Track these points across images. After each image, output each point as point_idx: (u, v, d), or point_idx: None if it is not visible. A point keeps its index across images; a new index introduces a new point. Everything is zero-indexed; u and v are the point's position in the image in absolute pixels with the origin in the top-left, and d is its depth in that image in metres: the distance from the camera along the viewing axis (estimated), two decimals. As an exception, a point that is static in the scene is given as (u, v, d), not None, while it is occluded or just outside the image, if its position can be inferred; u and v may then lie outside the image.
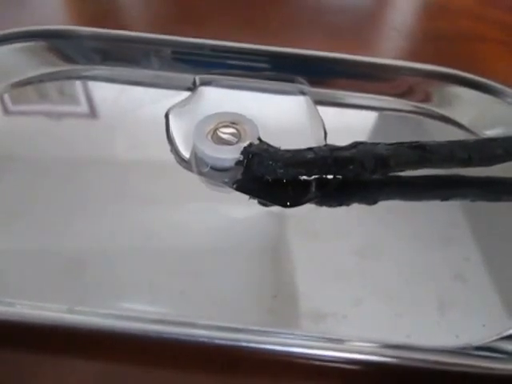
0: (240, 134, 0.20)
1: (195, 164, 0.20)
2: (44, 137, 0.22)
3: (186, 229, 0.19)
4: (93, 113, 0.23)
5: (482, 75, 0.25)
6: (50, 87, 0.24)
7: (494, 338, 0.16)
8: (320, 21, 0.31)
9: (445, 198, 0.21)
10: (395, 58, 0.26)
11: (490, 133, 0.23)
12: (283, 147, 0.20)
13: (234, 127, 0.20)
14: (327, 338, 0.15)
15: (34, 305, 0.15)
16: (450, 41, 0.30)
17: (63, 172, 0.20)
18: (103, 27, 0.25)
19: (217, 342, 0.14)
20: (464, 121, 0.24)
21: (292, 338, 0.15)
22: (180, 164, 0.21)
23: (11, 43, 0.24)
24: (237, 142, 0.20)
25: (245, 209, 0.20)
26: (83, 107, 0.24)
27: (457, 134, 0.23)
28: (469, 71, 0.25)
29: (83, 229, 0.18)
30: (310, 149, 0.19)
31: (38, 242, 0.18)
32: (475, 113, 0.24)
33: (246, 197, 0.20)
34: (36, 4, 0.29)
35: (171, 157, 0.21)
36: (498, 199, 0.21)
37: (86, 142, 0.22)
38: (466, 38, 0.31)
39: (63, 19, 0.28)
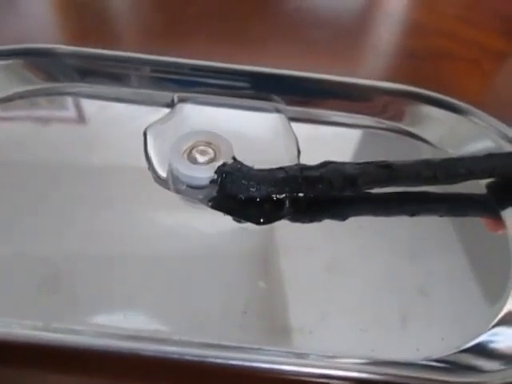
0: (215, 153, 0.21)
1: (172, 182, 0.21)
2: (22, 153, 0.22)
3: (162, 245, 0.19)
4: (72, 129, 0.24)
5: (451, 94, 0.26)
6: (30, 104, 0.25)
7: (453, 351, 0.16)
8: (298, 36, 0.32)
9: (412, 214, 0.22)
10: (369, 75, 0.27)
11: (458, 151, 0.24)
12: (257, 164, 0.20)
13: (209, 146, 0.21)
14: (294, 353, 0.16)
15: (7, 321, 0.16)
16: (423, 59, 0.31)
17: (38, 189, 0.21)
18: (85, 44, 0.26)
19: (187, 358, 0.15)
20: (433, 139, 0.25)
21: (260, 354, 0.16)
22: (157, 181, 0.21)
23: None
24: (212, 161, 0.21)
25: (219, 226, 0.20)
26: (63, 124, 0.24)
27: (425, 152, 0.24)
28: (439, 90, 0.26)
29: (58, 243, 0.19)
30: (281, 168, 0.20)
31: (11, 256, 0.18)
32: (443, 131, 0.25)
33: (221, 214, 0.20)
34: (17, 21, 0.30)
35: (148, 174, 0.21)
36: (462, 215, 0.22)
37: (65, 158, 0.22)
38: (438, 56, 0.32)
39: (45, 36, 0.28)
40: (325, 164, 0.20)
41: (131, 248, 0.19)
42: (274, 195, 0.20)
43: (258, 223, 0.20)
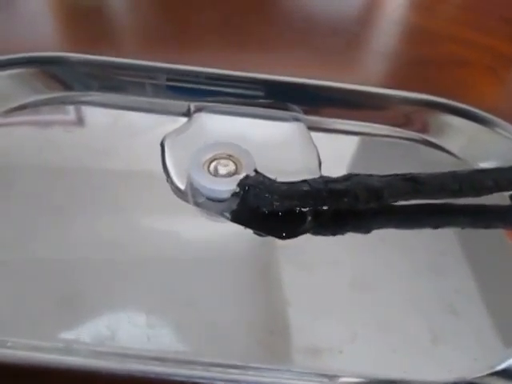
0: (236, 166, 0.20)
1: (191, 194, 0.20)
2: (37, 163, 0.22)
3: (183, 260, 0.19)
4: (86, 139, 0.23)
5: (468, 102, 0.25)
6: (44, 113, 0.24)
7: (486, 372, 0.16)
8: (309, 44, 0.31)
9: (436, 226, 0.21)
10: (381, 83, 0.27)
11: (481, 163, 0.23)
12: (277, 176, 0.20)
13: (230, 158, 0.21)
14: (324, 375, 0.15)
15: (27, 343, 0.15)
16: (436, 66, 0.31)
17: (52, 201, 0.20)
18: (95, 52, 0.25)
19: (217, 383, 0.14)
20: (454, 149, 0.24)
21: (291, 375, 0.15)
22: (176, 194, 0.21)
23: (3, 70, 0.24)
24: (233, 174, 0.20)
25: (241, 240, 0.20)
26: (77, 133, 0.24)
27: (447, 162, 0.24)
28: (456, 98, 0.25)
29: (74, 259, 0.18)
30: (305, 181, 0.19)
31: (28, 274, 0.18)
32: (465, 141, 0.24)
33: (242, 228, 0.20)
34: (27, 29, 0.29)
35: (167, 186, 0.21)
36: (486, 227, 0.22)
37: (80, 168, 0.22)
38: (452, 63, 0.31)
39: (54, 44, 0.28)
40: (349, 176, 0.20)
41: (151, 264, 0.18)
42: (297, 208, 0.20)
43: (280, 237, 0.19)
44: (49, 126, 0.24)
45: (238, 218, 0.20)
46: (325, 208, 0.20)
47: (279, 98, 0.25)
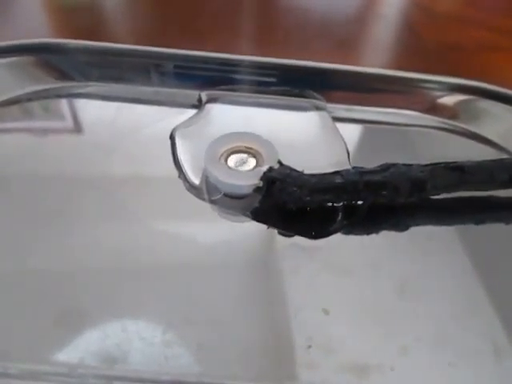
0: (257, 158, 0.18)
1: (206, 191, 0.18)
2: (34, 160, 0.19)
3: (200, 266, 0.16)
4: (89, 134, 0.21)
5: (503, 86, 0.23)
6: (41, 106, 0.22)
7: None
8: (327, 32, 0.29)
9: (479, 222, 0.19)
10: (409, 70, 0.25)
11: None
12: (304, 169, 0.18)
13: (249, 150, 0.18)
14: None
15: (24, 368, 0.13)
16: (464, 51, 0.29)
17: (54, 205, 0.18)
18: (95, 40, 0.23)
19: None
20: (493, 136, 0.22)
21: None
22: (189, 190, 0.18)
23: (-2, 58, 0.22)
24: (254, 167, 0.18)
25: (264, 241, 0.17)
26: (77, 128, 0.21)
27: (485, 151, 0.22)
28: (490, 83, 0.23)
29: (79, 270, 0.16)
30: (337, 172, 0.17)
31: (23, 287, 0.15)
32: (504, 128, 0.22)
33: (264, 227, 0.17)
34: (18, 17, 0.27)
35: (179, 183, 0.19)
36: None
37: (83, 166, 0.19)
38: (480, 48, 0.29)
39: (47, 32, 0.26)
40: (386, 167, 0.17)
41: (165, 271, 0.16)
42: (328, 204, 0.17)
43: (310, 237, 0.17)
44: (44, 120, 0.21)
45: (260, 215, 0.17)
46: (359, 203, 0.17)
47: (298, 85, 0.22)
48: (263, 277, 0.16)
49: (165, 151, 0.20)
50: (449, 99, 0.23)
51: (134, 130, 0.21)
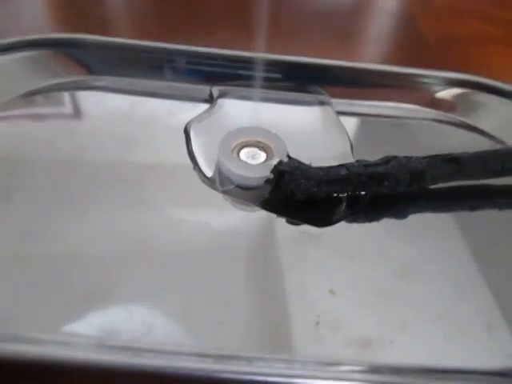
0: (267, 151, 0.19)
1: (220, 182, 0.19)
2: (54, 151, 0.21)
3: (213, 251, 0.18)
4: (105, 126, 0.22)
5: (499, 79, 0.24)
6: (59, 98, 0.23)
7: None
8: (332, 25, 0.30)
9: (474, 209, 0.20)
10: (408, 63, 0.26)
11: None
12: (309, 161, 0.19)
13: (259, 144, 0.20)
14: (378, 367, 0.14)
15: (59, 340, 0.14)
16: (462, 44, 0.30)
17: (73, 195, 0.19)
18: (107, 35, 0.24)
19: (270, 379, 0.13)
20: (489, 129, 0.23)
21: (341, 368, 0.14)
22: (204, 182, 0.20)
23: (15, 52, 0.23)
24: (265, 160, 0.19)
25: (274, 229, 0.19)
26: (94, 120, 0.23)
27: (482, 143, 0.23)
28: (485, 76, 0.24)
29: (103, 255, 0.17)
30: (342, 165, 0.18)
31: (50, 269, 0.16)
32: (499, 120, 0.23)
33: (274, 216, 0.19)
34: (26, 13, 0.28)
35: (194, 174, 0.20)
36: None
37: (100, 158, 0.21)
38: (478, 40, 0.30)
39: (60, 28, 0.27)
40: (388, 159, 0.19)
41: (180, 256, 0.17)
42: (334, 194, 0.19)
43: (317, 225, 0.19)
44: (63, 112, 0.23)
45: (270, 205, 0.19)
46: (362, 193, 0.19)
47: (304, 80, 0.24)
48: (274, 261, 0.18)
49: (179, 144, 0.21)
50: (446, 93, 0.24)
51: (148, 123, 0.22)
